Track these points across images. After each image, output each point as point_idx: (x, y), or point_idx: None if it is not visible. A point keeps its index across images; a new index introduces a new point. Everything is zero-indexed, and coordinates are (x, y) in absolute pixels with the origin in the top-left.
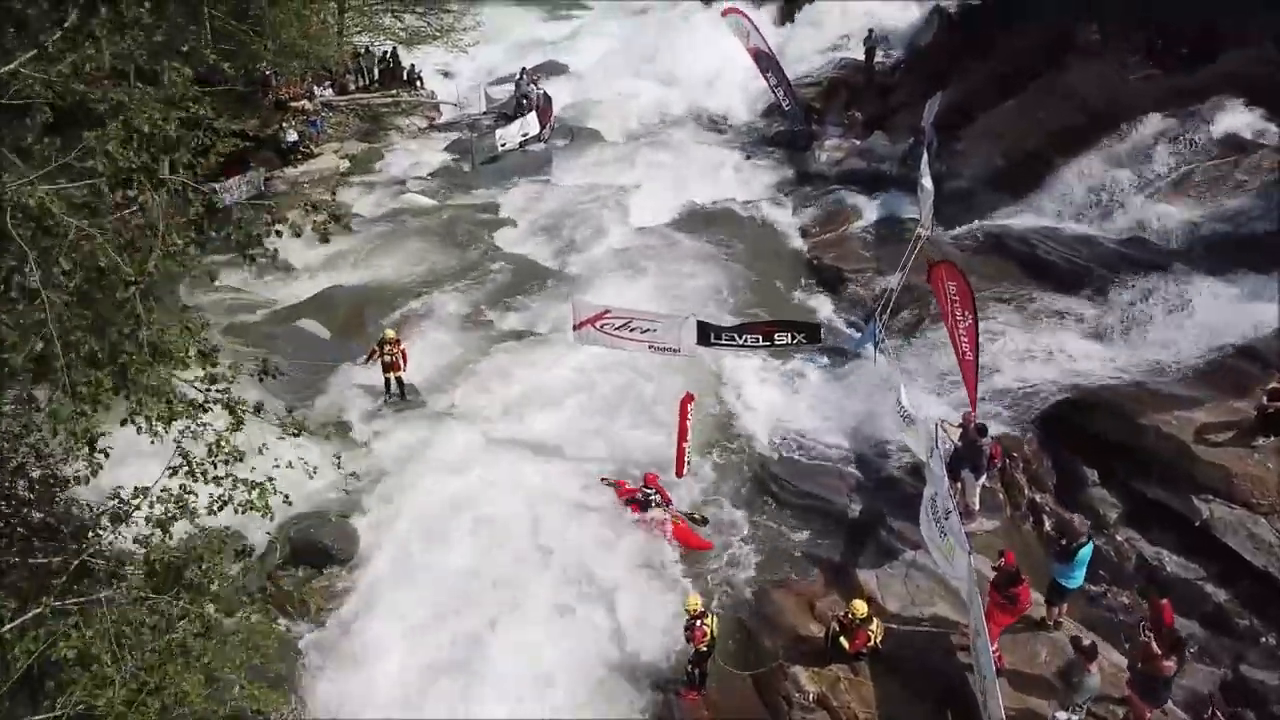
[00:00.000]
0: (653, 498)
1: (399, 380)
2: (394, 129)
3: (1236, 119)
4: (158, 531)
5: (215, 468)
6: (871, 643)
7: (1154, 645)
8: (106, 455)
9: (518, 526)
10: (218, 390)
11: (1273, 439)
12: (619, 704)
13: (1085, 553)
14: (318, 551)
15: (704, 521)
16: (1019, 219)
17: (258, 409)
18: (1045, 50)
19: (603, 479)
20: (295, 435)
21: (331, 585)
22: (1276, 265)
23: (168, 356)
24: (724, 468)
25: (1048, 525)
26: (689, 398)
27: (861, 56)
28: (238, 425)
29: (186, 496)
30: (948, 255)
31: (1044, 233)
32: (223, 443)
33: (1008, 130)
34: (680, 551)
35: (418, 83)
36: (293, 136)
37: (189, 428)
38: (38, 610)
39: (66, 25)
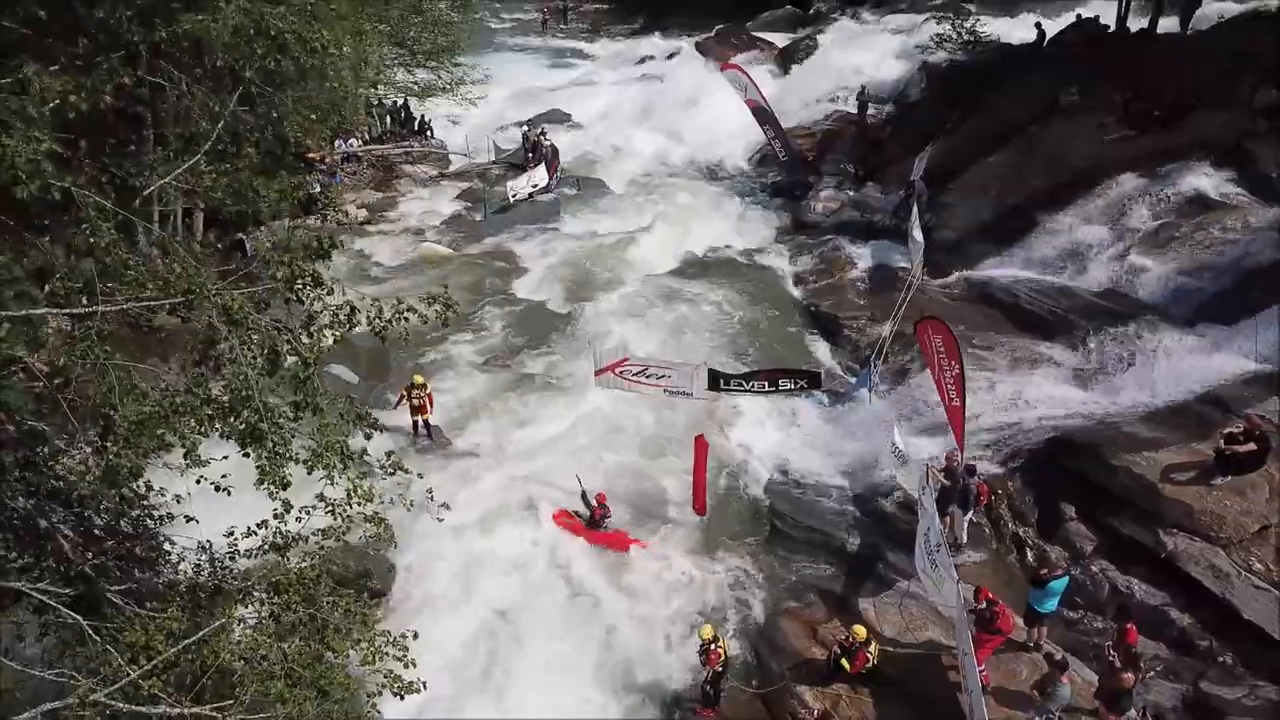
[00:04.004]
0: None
1: (426, 423)
2: (406, 178)
3: (1203, 180)
4: (273, 555)
5: (349, 505)
6: (870, 663)
7: (1116, 661)
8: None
9: (537, 559)
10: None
11: (1230, 478)
12: None
13: (1058, 585)
14: (355, 584)
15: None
16: (1003, 269)
17: (362, 454)
18: (1030, 110)
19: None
20: (391, 474)
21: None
22: (1237, 318)
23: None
24: (729, 504)
25: (1029, 557)
26: (702, 439)
27: (852, 109)
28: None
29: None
30: (936, 304)
31: (1027, 284)
32: (359, 486)
33: (994, 184)
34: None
35: (428, 132)
36: (315, 189)
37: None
38: (222, 620)
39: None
